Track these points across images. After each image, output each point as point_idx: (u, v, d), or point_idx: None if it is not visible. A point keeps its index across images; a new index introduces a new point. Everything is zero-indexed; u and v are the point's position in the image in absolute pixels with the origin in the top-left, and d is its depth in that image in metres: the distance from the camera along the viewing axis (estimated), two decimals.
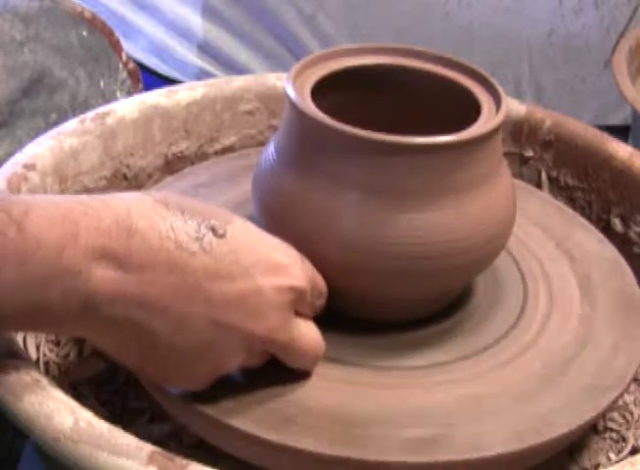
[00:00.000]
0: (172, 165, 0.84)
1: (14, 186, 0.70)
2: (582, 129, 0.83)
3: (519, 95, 1.47)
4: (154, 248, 0.51)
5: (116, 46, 1.02)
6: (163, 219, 0.52)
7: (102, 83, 0.96)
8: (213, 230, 0.53)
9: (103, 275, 0.51)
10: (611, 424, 0.69)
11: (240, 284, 0.53)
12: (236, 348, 0.55)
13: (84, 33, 0.98)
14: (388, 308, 0.64)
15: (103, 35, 1.01)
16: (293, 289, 0.55)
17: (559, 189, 0.85)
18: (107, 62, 0.98)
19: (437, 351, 0.63)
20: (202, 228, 0.53)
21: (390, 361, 0.62)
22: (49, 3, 0.98)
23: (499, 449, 0.56)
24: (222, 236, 0.53)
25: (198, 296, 0.52)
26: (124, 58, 1.01)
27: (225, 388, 0.58)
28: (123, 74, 1.00)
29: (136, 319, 0.52)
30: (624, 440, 0.68)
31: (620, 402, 0.70)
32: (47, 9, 0.97)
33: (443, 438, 0.57)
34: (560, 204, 0.79)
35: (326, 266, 0.60)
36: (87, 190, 0.78)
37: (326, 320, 0.64)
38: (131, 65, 1.02)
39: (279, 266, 0.55)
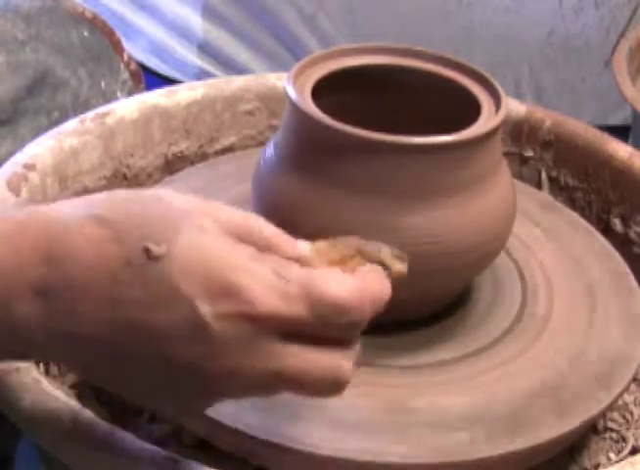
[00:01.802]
0: (172, 165, 0.84)
1: (14, 186, 0.70)
2: (582, 129, 0.83)
3: (519, 95, 1.47)
4: (78, 279, 0.45)
5: (118, 46, 1.02)
6: (90, 244, 0.45)
7: (103, 83, 0.96)
8: (148, 253, 0.45)
9: (28, 310, 0.45)
10: (611, 424, 0.69)
11: (179, 315, 0.44)
12: (203, 389, 0.47)
13: (85, 33, 0.98)
14: (389, 309, 0.64)
15: (104, 35, 1.01)
16: (246, 316, 0.44)
17: (559, 189, 0.85)
18: (108, 62, 0.98)
19: (438, 350, 0.63)
20: (134, 252, 0.45)
21: (391, 361, 0.62)
22: (50, 2, 0.98)
23: (499, 450, 0.57)
24: (158, 259, 0.44)
25: (139, 329, 0.45)
26: (126, 58, 1.01)
27: None
28: (125, 75, 1.00)
29: (75, 355, 0.47)
30: (624, 440, 0.68)
31: (620, 402, 0.70)
32: (48, 8, 0.97)
33: (443, 439, 0.57)
34: (560, 204, 0.79)
35: None
36: (87, 190, 0.78)
37: None
38: (133, 65, 1.02)
39: (229, 289, 0.44)
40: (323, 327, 0.46)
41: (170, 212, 0.46)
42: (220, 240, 0.45)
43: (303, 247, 0.48)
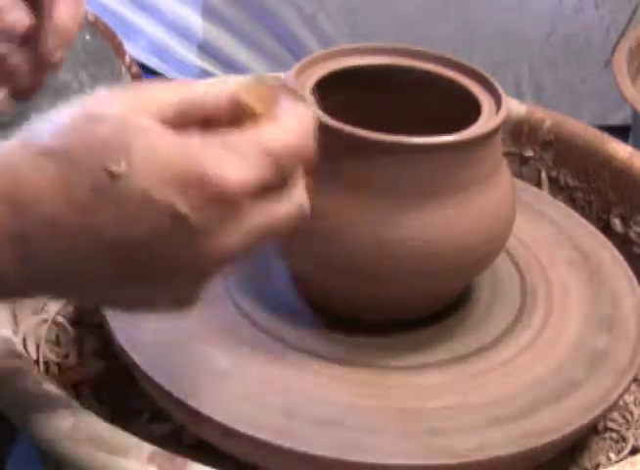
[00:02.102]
0: None
1: None
2: (582, 129, 0.83)
3: (519, 95, 1.47)
4: (47, 218, 0.45)
5: (119, 50, 1.02)
6: (50, 181, 0.45)
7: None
8: (110, 175, 0.45)
9: (7, 257, 0.46)
10: (611, 424, 0.69)
11: (157, 220, 0.46)
12: (196, 276, 0.49)
13: (87, 36, 0.98)
14: (389, 309, 0.64)
15: (105, 39, 1.01)
16: (220, 197, 0.46)
17: (559, 189, 0.85)
18: (109, 65, 0.98)
19: (438, 350, 0.63)
20: (96, 177, 0.45)
21: (392, 361, 0.62)
22: None
23: (499, 452, 0.56)
24: (119, 177, 0.45)
25: (122, 247, 0.46)
26: (127, 61, 1.01)
27: (223, 388, 0.58)
28: (126, 78, 1.00)
29: (66, 290, 0.50)
30: (624, 440, 0.68)
31: (620, 402, 0.70)
32: None
33: (443, 439, 0.57)
34: (559, 203, 0.80)
35: (326, 267, 0.60)
36: None
37: (328, 321, 0.64)
38: (135, 68, 1.02)
39: (198, 180, 0.46)
40: (289, 176, 0.49)
41: (113, 127, 0.46)
42: (168, 136, 0.46)
43: (232, 86, 0.48)
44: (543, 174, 0.85)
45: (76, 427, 0.53)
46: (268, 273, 0.68)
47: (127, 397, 0.68)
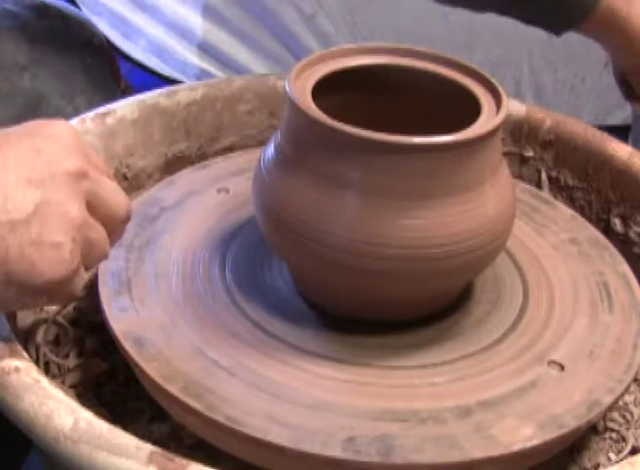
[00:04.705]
0: (172, 165, 0.84)
1: None
2: (582, 129, 0.83)
3: (519, 95, 1.48)
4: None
5: (116, 74, 1.01)
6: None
7: None
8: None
9: None
10: (611, 424, 0.69)
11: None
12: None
13: (88, 60, 0.97)
14: (389, 309, 0.64)
15: (106, 63, 1.00)
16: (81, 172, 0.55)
17: (559, 189, 0.85)
18: (105, 90, 0.97)
19: (438, 350, 0.63)
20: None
21: (392, 361, 0.62)
22: (58, 24, 0.97)
23: (499, 450, 0.57)
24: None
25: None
26: (123, 85, 1.01)
27: (224, 389, 0.58)
28: None
29: None
30: (624, 440, 0.68)
31: (620, 402, 0.70)
32: (55, 31, 0.95)
33: (445, 439, 0.57)
34: (559, 203, 0.80)
35: (326, 266, 0.60)
36: None
37: (328, 321, 0.64)
38: (129, 93, 1.02)
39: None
40: None
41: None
42: None
43: None
44: (543, 174, 0.85)
45: (76, 427, 0.53)
46: (268, 273, 0.68)
47: (127, 397, 0.68)
